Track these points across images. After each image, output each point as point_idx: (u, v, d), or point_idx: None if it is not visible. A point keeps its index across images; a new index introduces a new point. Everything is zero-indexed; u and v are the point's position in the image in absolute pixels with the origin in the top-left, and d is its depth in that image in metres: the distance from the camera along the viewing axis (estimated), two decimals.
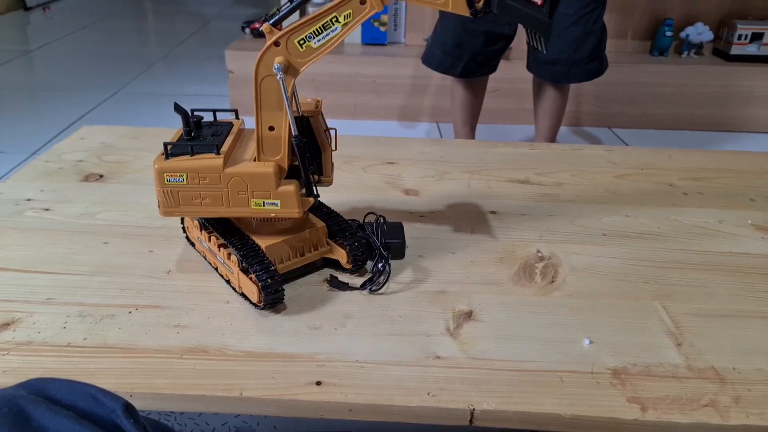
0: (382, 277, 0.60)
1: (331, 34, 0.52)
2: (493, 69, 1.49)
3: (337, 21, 0.52)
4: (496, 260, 0.67)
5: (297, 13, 0.55)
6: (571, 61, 1.36)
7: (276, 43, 0.51)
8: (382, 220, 0.67)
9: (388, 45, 2.05)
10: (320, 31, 0.52)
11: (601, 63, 1.40)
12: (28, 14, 3.55)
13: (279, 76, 0.51)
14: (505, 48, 1.44)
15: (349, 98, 1.97)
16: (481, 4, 0.53)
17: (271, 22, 0.52)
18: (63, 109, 2.00)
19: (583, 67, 1.37)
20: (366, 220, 0.68)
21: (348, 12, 0.52)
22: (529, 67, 1.47)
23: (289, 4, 0.53)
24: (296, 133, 0.54)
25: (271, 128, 0.55)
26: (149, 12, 3.97)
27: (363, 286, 0.60)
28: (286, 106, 0.53)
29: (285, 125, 0.54)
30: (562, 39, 1.32)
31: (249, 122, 0.66)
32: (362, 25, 2.18)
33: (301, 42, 0.52)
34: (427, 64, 1.50)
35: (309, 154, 0.55)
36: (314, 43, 0.52)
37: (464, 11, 0.53)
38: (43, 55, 2.74)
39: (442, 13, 1.40)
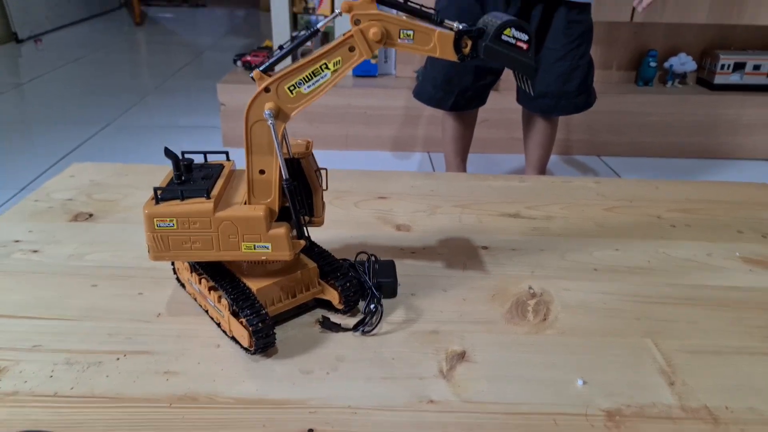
0: (374, 318, 0.60)
1: (321, 81, 0.53)
2: (483, 101, 1.52)
3: (327, 68, 0.53)
4: (489, 297, 0.67)
5: (289, 59, 0.56)
6: (559, 94, 1.38)
7: (266, 89, 0.52)
8: (373, 259, 0.67)
9: (379, 77, 2.08)
10: (310, 78, 0.53)
11: (589, 96, 1.43)
12: (19, 46, 3.57)
13: (270, 121, 0.52)
14: (494, 82, 1.47)
15: (340, 129, 1.99)
16: (468, 49, 0.54)
17: (261, 68, 0.53)
18: (54, 143, 2.00)
19: (571, 100, 1.40)
20: (357, 259, 0.68)
21: (338, 59, 0.53)
22: (519, 100, 1.50)
23: (279, 51, 0.54)
24: (287, 176, 0.54)
25: (262, 172, 0.55)
26: (142, 43, 4.01)
27: (355, 328, 0.60)
28: (277, 150, 0.53)
29: (275, 169, 0.55)
30: (549, 73, 1.35)
31: (240, 159, 0.66)
32: None
33: (291, 88, 0.53)
34: (418, 98, 1.53)
35: (300, 197, 0.56)
36: (304, 89, 0.53)
37: (452, 57, 0.54)
38: (35, 87, 2.75)
39: None
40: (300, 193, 0.56)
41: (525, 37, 0.55)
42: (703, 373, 0.56)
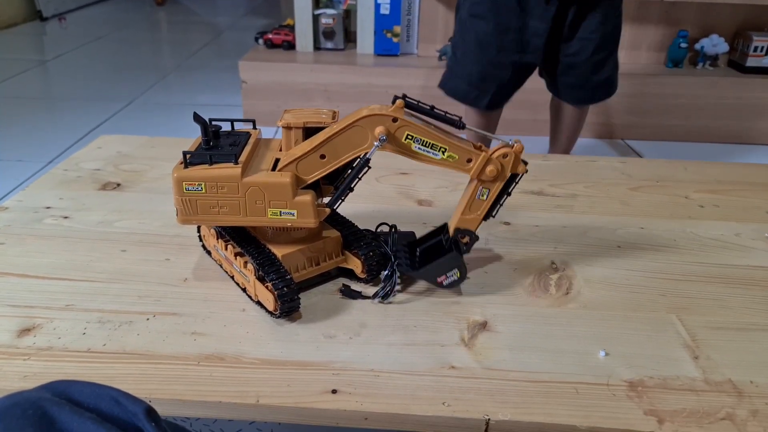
0: (389, 286, 0.61)
1: (429, 154, 0.56)
2: (509, 100, 1.47)
3: (442, 152, 0.56)
4: (511, 271, 0.67)
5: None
6: (594, 84, 1.36)
7: (395, 119, 0.54)
8: (394, 230, 0.67)
9: (401, 56, 2.07)
10: (426, 144, 0.56)
11: (615, 83, 1.42)
12: (44, 24, 3.62)
13: (377, 143, 0.54)
14: (527, 76, 1.42)
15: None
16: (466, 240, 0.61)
17: (407, 102, 0.55)
18: (79, 119, 2.03)
19: (603, 90, 1.38)
20: (378, 230, 0.68)
21: (453, 155, 0.56)
22: (550, 88, 1.46)
23: (429, 108, 0.56)
24: (369, 156, 0.56)
25: (323, 156, 0.56)
26: (163, 22, 4.03)
27: (375, 296, 0.60)
28: (365, 160, 0.56)
29: (336, 163, 0.56)
30: (586, 65, 1.32)
31: (265, 131, 0.67)
32: (375, 35, 2.18)
33: (409, 136, 0.55)
34: (451, 95, 1.45)
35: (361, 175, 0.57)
36: (414, 147, 0.56)
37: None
38: (59, 65, 2.79)
39: (464, 41, 1.36)
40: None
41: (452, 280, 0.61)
42: (728, 349, 0.55)
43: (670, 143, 1.98)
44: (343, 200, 0.58)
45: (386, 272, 0.61)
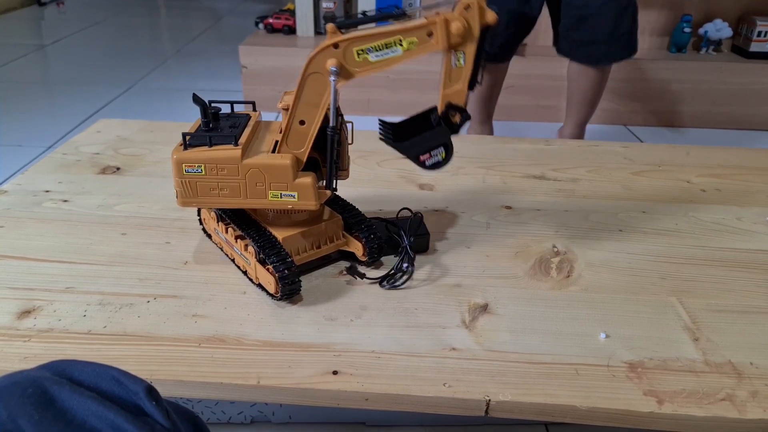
0: (404, 276, 0.60)
1: (390, 54, 0.52)
2: (513, 53, 1.38)
3: (400, 44, 0.52)
4: (512, 255, 0.67)
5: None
6: (608, 39, 1.26)
7: (335, 45, 0.51)
8: (420, 215, 0.67)
9: None
10: (381, 48, 0.52)
11: (635, 42, 1.32)
12: (42, 9, 3.58)
13: (332, 77, 0.52)
14: (527, 32, 1.34)
15: (362, 94, 1.97)
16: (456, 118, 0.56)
17: (338, 24, 0.52)
18: (78, 104, 2.02)
19: (624, 45, 1.28)
20: (399, 216, 0.68)
21: (413, 40, 0.52)
22: (561, 50, 1.36)
23: (362, 16, 0.53)
24: (333, 124, 0.54)
25: (302, 122, 0.55)
26: (162, 7, 3.99)
27: (382, 282, 0.60)
28: (331, 104, 0.53)
29: (317, 121, 0.55)
30: (602, 15, 1.22)
31: (265, 116, 0.66)
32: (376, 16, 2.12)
33: (360, 52, 0.52)
34: None
35: (339, 147, 0.56)
36: (371, 57, 0.52)
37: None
38: (58, 49, 2.77)
39: None
40: (339, 143, 0.56)
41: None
42: (729, 331, 0.55)
43: (673, 129, 1.96)
44: (337, 178, 0.58)
45: (404, 264, 0.61)
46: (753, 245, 0.70)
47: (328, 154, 0.56)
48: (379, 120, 0.59)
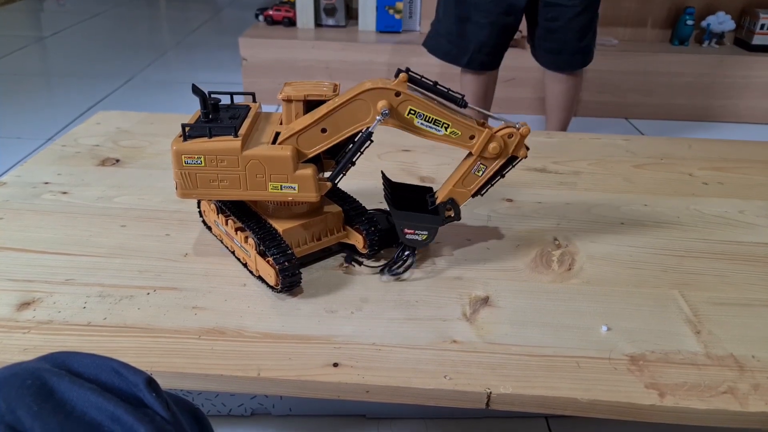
0: (405, 264, 0.60)
1: (431, 130, 0.55)
2: (500, 61, 1.46)
3: (445, 127, 0.55)
4: (513, 247, 0.67)
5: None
6: (575, 49, 1.35)
7: (397, 93, 0.53)
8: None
9: (403, 33, 2.03)
10: (429, 120, 0.55)
11: (593, 51, 1.40)
12: (41, 1, 3.56)
13: (379, 117, 0.53)
14: (510, 38, 1.41)
15: None
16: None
17: (410, 76, 0.54)
18: (77, 96, 2.01)
19: (583, 56, 1.37)
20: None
21: (456, 132, 0.55)
22: (534, 55, 1.45)
23: (432, 84, 0.55)
24: (372, 130, 0.55)
25: (324, 130, 0.55)
26: None
27: (383, 270, 0.60)
28: (367, 134, 0.55)
29: (337, 138, 0.55)
30: (568, 30, 1.31)
31: (265, 109, 0.66)
32: (377, 12, 2.14)
33: (412, 111, 0.54)
34: (432, 52, 1.46)
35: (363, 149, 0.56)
36: (417, 122, 0.55)
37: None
38: (57, 41, 2.75)
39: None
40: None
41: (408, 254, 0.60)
42: (730, 324, 0.55)
43: (675, 122, 1.96)
44: (344, 174, 0.58)
45: (405, 253, 0.60)
46: (755, 238, 0.70)
47: (350, 152, 0.56)
48: (383, 175, 0.64)
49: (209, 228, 0.67)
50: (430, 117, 0.55)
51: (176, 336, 0.51)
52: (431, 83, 0.55)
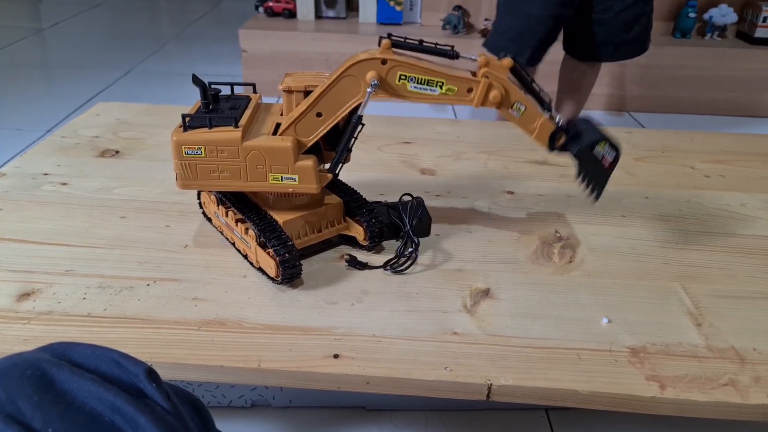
0: (408, 261, 0.60)
1: (427, 91, 0.53)
2: (546, 52, 1.43)
3: (440, 86, 0.53)
4: (514, 240, 0.66)
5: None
6: (619, 42, 1.33)
7: (384, 61, 0.52)
8: (418, 200, 0.66)
9: (404, 25, 2.02)
10: (422, 82, 0.53)
11: (647, 41, 1.38)
12: None
13: (370, 89, 0.52)
14: (560, 31, 1.39)
15: None
16: (560, 142, 0.57)
17: (393, 41, 0.52)
18: (77, 87, 2.00)
19: (631, 47, 1.35)
20: (401, 200, 0.67)
21: (453, 88, 0.53)
22: (568, 50, 1.43)
23: (418, 43, 0.53)
24: (361, 114, 0.54)
25: (319, 114, 0.54)
26: None
27: (386, 266, 0.60)
28: (361, 110, 0.54)
29: (334, 119, 0.55)
30: (614, 22, 1.30)
31: (265, 101, 0.65)
32: (377, 3, 2.12)
33: (402, 77, 0.53)
34: (492, 52, 1.41)
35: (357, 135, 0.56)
36: (410, 86, 0.53)
37: (543, 144, 0.58)
38: (56, 33, 2.74)
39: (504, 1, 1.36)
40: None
41: (613, 155, 0.57)
42: (732, 317, 0.55)
43: (676, 115, 1.95)
44: (343, 164, 0.57)
45: (408, 249, 0.60)
46: (756, 231, 0.70)
47: (344, 140, 0.55)
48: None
49: (209, 219, 0.67)
50: (422, 78, 0.53)
51: (176, 327, 0.51)
52: (416, 42, 0.53)
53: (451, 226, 0.68)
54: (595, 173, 0.59)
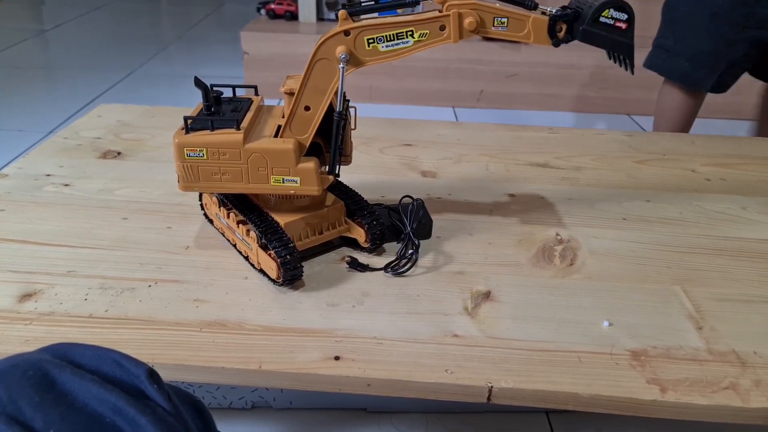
0: (408, 264, 0.60)
1: (401, 45, 0.52)
2: (738, 78, 1.28)
3: (412, 36, 0.52)
4: (515, 242, 0.66)
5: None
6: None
7: (346, 33, 0.51)
8: (420, 202, 0.66)
9: None
10: (392, 38, 0.52)
11: None
12: None
13: (341, 65, 0.51)
14: (760, 55, 1.21)
15: (364, 81, 1.96)
16: (562, 33, 0.54)
17: (349, 11, 0.51)
18: (78, 89, 2.01)
19: None
20: (401, 203, 0.67)
21: (425, 32, 0.52)
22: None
23: (375, 2, 0.52)
24: (340, 109, 0.53)
25: (307, 108, 0.54)
26: None
27: (386, 269, 0.60)
28: (339, 91, 0.53)
29: (322, 108, 0.54)
30: None
31: (267, 103, 0.65)
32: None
33: (370, 41, 0.52)
34: (668, 77, 1.29)
35: (343, 132, 0.55)
36: (381, 47, 0.52)
37: (546, 42, 0.54)
38: (58, 34, 2.75)
39: (692, 15, 1.21)
40: (344, 129, 0.56)
41: (624, 16, 0.53)
42: (732, 320, 0.55)
43: None
44: (340, 164, 0.57)
45: (409, 251, 0.60)
46: (758, 234, 0.70)
47: (332, 139, 0.55)
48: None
49: (211, 221, 0.67)
50: (390, 35, 0.51)
51: (178, 328, 0.51)
52: (372, 2, 0.52)
53: (451, 228, 0.68)
54: (617, 43, 0.54)
